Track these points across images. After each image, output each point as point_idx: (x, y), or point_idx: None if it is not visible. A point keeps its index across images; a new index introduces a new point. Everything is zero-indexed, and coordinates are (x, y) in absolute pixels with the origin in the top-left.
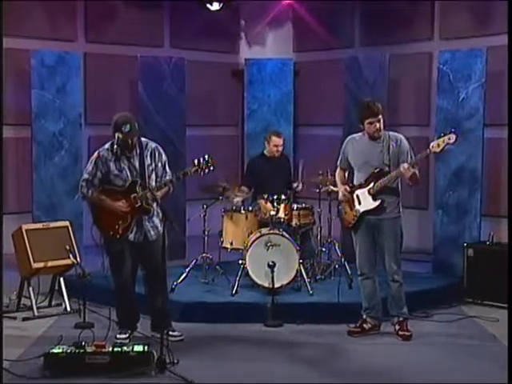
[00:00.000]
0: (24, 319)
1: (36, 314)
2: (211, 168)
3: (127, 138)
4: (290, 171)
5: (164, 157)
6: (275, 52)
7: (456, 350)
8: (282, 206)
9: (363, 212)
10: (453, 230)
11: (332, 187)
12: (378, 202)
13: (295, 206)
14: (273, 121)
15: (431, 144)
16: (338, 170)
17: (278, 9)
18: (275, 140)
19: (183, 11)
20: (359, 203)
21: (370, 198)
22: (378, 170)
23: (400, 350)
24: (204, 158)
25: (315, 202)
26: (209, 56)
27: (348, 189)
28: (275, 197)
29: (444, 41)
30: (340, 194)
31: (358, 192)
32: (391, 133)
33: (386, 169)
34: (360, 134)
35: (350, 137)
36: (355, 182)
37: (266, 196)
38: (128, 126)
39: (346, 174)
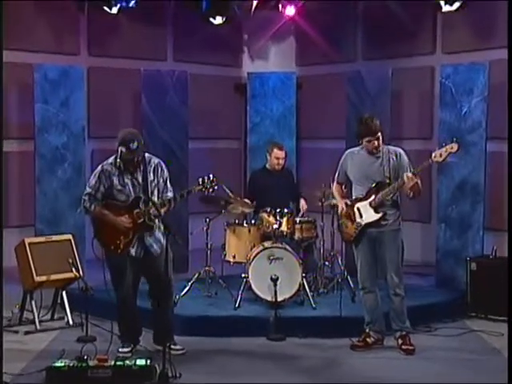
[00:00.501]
0: (26, 333)
1: (38, 327)
2: (215, 188)
3: (133, 155)
4: (295, 184)
5: (166, 173)
6: (278, 66)
7: (459, 364)
8: (285, 219)
9: (365, 224)
10: (456, 243)
11: (335, 201)
12: (380, 214)
13: (298, 220)
14: (275, 134)
15: (433, 154)
16: (335, 184)
17: (281, 23)
18: (277, 152)
19: (186, 25)
20: (360, 216)
21: (371, 210)
22: (378, 182)
23: (403, 365)
24: (209, 178)
25: (318, 215)
26: (212, 70)
27: (348, 202)
28: (278, 210)
29: (446, 55)
30: (339, 208)
31: (358, 205)
32: (390, 147)
33: (387, 181)
34: (358, 147)
35: (348, 151)
36: (354, 196)
37: (268, 209)
38: (135, 143)
39: (344, 188)
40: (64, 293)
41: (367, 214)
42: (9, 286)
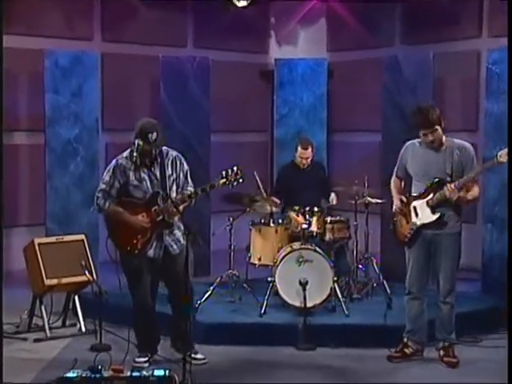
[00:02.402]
0: (35, 340)
1: (48, 334)
2: (240, 180)
3: (152, 147)
4: (326, 180)
5: (186, 166)
6: (307, 51)
7: (507, 379)
8: (315, 218)
9: (421, 225)
10: (503, 245)
11: (369, 198)
12: (437, 215)
13: (329, 219)
14: (305, 126)
15: (498, 153)
16: (393, 178)
17: (311, 5)
18: (301, 152)
19: (208, 8)
20: (416, 215)
21: (428, 210)
22: (438, 179)
23: (444, 378)
24: (233, 170)
25: (351, 214)
26: (235, 56)
27: (404, 199)
28: (307, 209)
29: (493, 38)
30: (395, 205)
31: (415, 203)
32: (456, 140)
33: (448, 179)
34: (420, 140)
35: (409, 142)
36: (413, 193)
37: (297, 208)
38: (155, 134)
39: (403, 184)
40: (76, 297)
41: (423, 214)
42: (17, 290)
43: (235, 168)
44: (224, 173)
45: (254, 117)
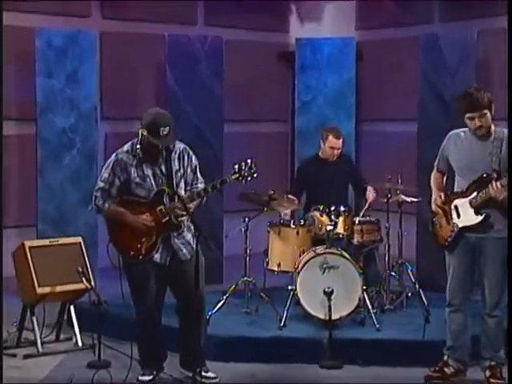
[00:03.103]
0: (26, 357)
1: (41, 350)
2: (254, 175)
3: (162, 143)
4: (357, 174)
5: (195, 160)
6: (333, 30)
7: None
8: (341, 218)
9: (462, 228)
10: None
11: (403, 196)
12: (481, 217)
13: (357, 220)
14: (330, 115)
15: None
16: (434, 172)
17: None
18: (333, 141)
19: None
20: (458, 216)
21: (471, 210)
22: (483, 175)
23: None
24: (246, 164)
25: (382, 214)
26: (252, 35)
27: (443, 197)
28: (333, 208)
29: None
30: (433, 204)
31: (456, 202)
32: (507, 130)
33: (494, 175)
34: (466, 128)
35: (452, 132)
36: (455, 189)
37: (321, 207)
38: (168, 128)
39: (445, 179)
40: (72, 308)
41: (466, 214)
42: (5, 300)
43: (249, 161)
44: (236, 167)
45: (272, 104)
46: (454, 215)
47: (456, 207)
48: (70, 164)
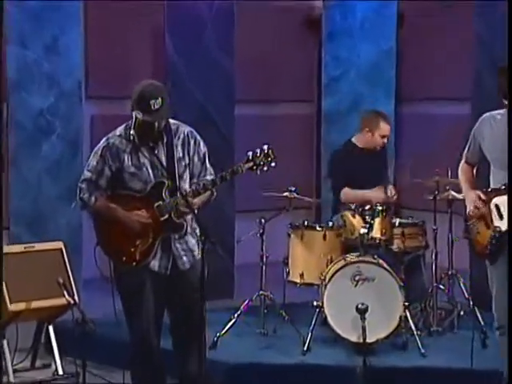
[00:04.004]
0: None
1: (12, 380)
2: (272, 164)
3: (155, 118)
4: (387, 167)
5: (203, 147)
6: None
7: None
8: (378, 220)
9: (506, 231)
10: None
11: (454, 193)
12: None
13: (398, 222)
14: (364, 93)
15: None
16: (462, 164)
17: None
18: (385, 129)
19: None
20: (500, 218)
21: None
22: None
23: None
24: (262, 150)
25: (428, 215)
26: None
27: (482, 196)
28: (367, 207)
29: None
30: (468, 205)
31: (497, 200)
32: None
33: None
34: (502, 111)
35: (485, 115)
36: (492, 185)
37: (353, 206)
38: (159, 100)
39: (475, 172)
40: (51, 328)
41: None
42: None
43: (265, 147)
44: (250, 154)
45: (293, 81)
46: (495, 216)
47: (497, 206)
48: (49, 153)
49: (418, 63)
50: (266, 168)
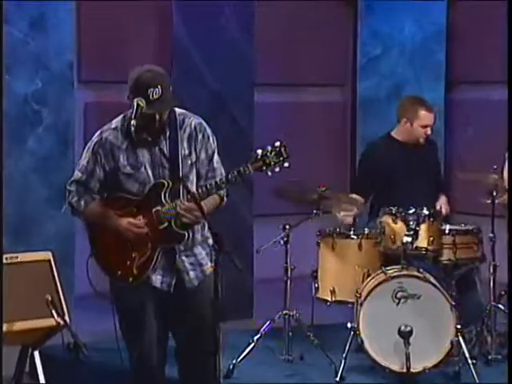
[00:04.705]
0: None
1: None
2: (285, 164)
3: (154, 110)
4: (440, 170)
5: (213, 142)
6: None
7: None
8: (425, 226)
9: None
10: None
11: None
12: None
13: (448, 228)
14: (409, 77)
15: None
16: None
17: None
18: (426, 117)
19: None
20: None
21: None
22: None
23: None
24: (273, 148)
25: (485, 220)
26: None
27: None
28: (411, 211)
29: None
30: None
31: None
32: None
33: None
34: None
35: None
36: None
37: (394, 210)
38: (158, 88)
39: None
40: (37, 354)
41: None
42: None
43: (276, 144)
44: (259, 152)
45: (323, 63)
46: None
47: None
48: (36, 147)
49: (471, 42)
50: (277, 169)
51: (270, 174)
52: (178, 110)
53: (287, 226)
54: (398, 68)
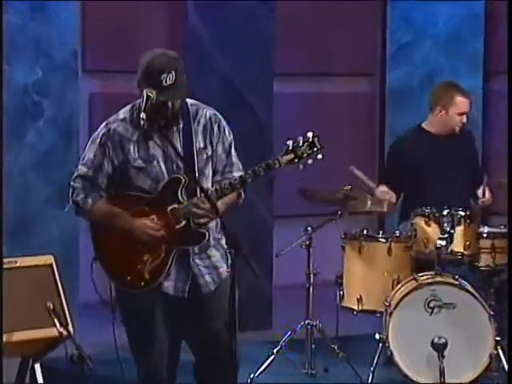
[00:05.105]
0: None
1: None
2: (318, 156)
3: (168, 97)
4: (478, 161)
5: (229, 134)
6: None
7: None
8: (461, 229)
9: None
10: None
11: None
12: None
13: (486, 231)
14: (443, 65)
15: None
16: None
17: None
18: (461, 103)
19: None
20: None
21: None
22: None
23: None
24: (306, 139)
25: None
26: None
27: None
28: (446, 211)
29: None
30: None
31: None
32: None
33: None
34: None
35: None
36: None
37: (427, 211)
38: (172, 74)
39: None
40: (38, 366)
41: None
42: None
43: (309, 134)
44: (290, 143)
45: (350, 49)
46: None
47: None
48: (36, 142)
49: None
50: (310, 161)
51: (301, 167)
52: (189, 100)
53: (309, 228)
54: (430, 56)
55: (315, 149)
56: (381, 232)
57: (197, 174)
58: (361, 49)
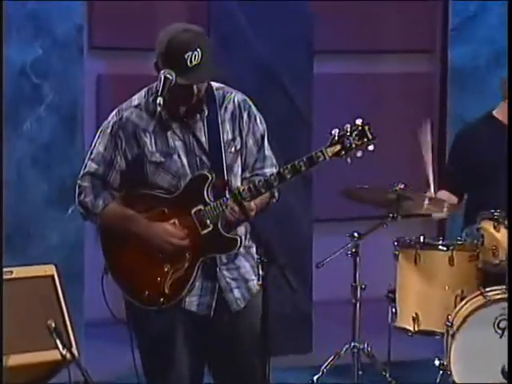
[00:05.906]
0: None
1: None
2: (369, 147)
3: (193, 81)
4: None
5: (260, 123)
6: None
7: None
8: None
9: None
10: None
11: None
12: None
13: None
14: None
15: None
16: None
17: None
18: None
19: None
20: None
21: None
22: None
23: None
24: (354, 127)
25: None
26: None
27: None
28: None
29: None
30: None
31: None
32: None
33: None
34: None
35: None
36: None
37: (497, 214)
38: (198, 52)
39: None
40: None
41: None
42: None
43: (358, 122)
44: (336, 132)
45: (404, 23)
46: None
47: None
48: (36, 132)
49: None
50: (359, 154)
51: (349, 160)
52: (214, 83)
53: (356, 234)
54: (499, 32)
55: (365, 139)
56: (441, 239)
57: (224, 171)
58: (418, 22)
